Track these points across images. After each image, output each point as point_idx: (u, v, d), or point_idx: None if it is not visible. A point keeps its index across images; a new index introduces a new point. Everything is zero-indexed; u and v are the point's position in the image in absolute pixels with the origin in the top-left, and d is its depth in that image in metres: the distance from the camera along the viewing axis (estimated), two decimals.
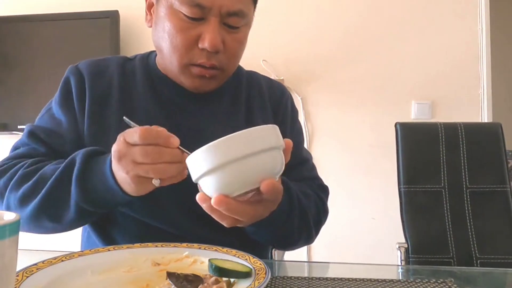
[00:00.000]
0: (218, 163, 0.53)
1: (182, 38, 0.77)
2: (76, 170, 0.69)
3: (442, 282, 0.59)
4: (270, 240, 0.84)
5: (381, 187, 2.32)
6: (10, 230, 0.35)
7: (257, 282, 0.50)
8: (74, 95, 0.84)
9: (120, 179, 0.65)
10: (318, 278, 0.60)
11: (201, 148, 0.54)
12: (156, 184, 0.63)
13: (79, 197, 0.69)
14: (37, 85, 2.46)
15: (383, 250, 2.20)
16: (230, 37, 0.80)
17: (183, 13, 0.76)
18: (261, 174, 0.55)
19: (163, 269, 0.60)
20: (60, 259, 0.58)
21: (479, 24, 2.33)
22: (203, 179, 0.56)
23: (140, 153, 0.60)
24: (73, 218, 0.72)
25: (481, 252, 1.42)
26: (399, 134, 1.54)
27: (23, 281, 0.50)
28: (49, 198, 0.71)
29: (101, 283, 0.55)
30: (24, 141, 0.83)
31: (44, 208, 0.71)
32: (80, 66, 0.88)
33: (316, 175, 0.94)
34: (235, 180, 0.54)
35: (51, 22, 2.48)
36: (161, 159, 0.60)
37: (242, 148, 0.53)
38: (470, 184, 1.49)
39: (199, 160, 0.54)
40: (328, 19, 2.44)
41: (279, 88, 1.00)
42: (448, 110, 2.33)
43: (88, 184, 0.69)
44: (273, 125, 0.58)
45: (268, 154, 0.55)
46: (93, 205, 0.70)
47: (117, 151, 0.62)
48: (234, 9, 0.77)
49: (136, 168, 0.61)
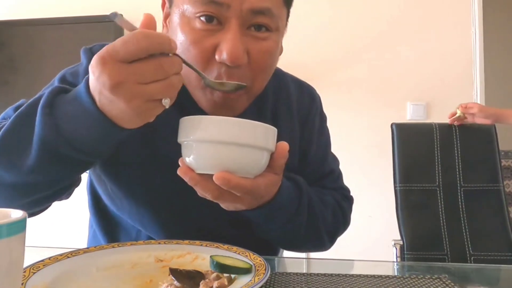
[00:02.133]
0: (204, 137, 0.54)
1: (196, 51, 0.61)
2: (44, 99, 0.53)
3: (437, 278, 0.59)
4: (276, 238, 0.77)
5: (377, 186, 2.32)
6: (17, 227, 0.35)
7: (257, 278, 0.50)
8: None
9: (116, 114, 0.49)
10: (316, 274, 0.60)
11: (200, 116, 0.55)
12: (167, 105, 0.49)
13: (44, 124, 0.51)
14: (43, 86, 2.45)
15: (378, 247, 2.21)
16: (257, 47, 0.62)
17: (197, 17, 0.61)
18: (240, 166, 0.55)
19: (166, 265, 0.60)
20: (65, 256, 0.58)
21: (472, 28, 2.33)
22: (188, 144, 0.56)
23: (151, 69, 0.46)
24: (36, 162, 0.53)
25: (475, 249, 1.43)
26: (395, 134, 1.55)
27: (30, 277, 0.50)
28: (7, 137, 0.54)
29: (106, 279, 0.55)
30: (10, 114, 0.69)
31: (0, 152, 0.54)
32: (95, 51, 0.74)
33: (340, 185, 0.87)
34: (216, 160, 0.54)
35: (56, 26, 2.49)
36: (173, 71, 0.48)
37: (230, 135, 0.53)
38: (464, 183, 1.49)
39: (193, 125, 0.55)
40: (326, 25, 2.44)
41: (308, 95, 0.86)
42: (442, 111, 2.33)
43: (58, 110, 0.52)
44: (272, 127, 0.58)
45: (254, 151, 0.56)
46: (64, 140, 0.52)
47: (110, 77, 0.45)
48: (259, 6, 0.60)
49: (145, 90, 0.46)
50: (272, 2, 0.62)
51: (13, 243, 0.34)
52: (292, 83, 0.86)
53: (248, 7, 0.59)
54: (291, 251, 0.85)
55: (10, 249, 0.34)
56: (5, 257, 0.34)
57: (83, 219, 0.94)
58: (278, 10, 0.64)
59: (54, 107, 0.52)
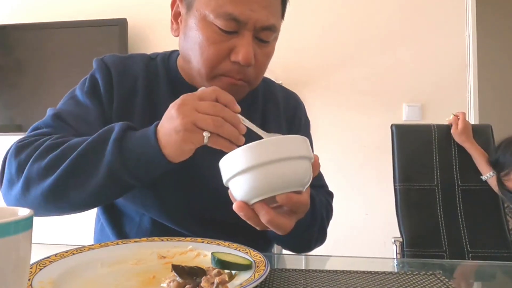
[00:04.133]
0: (247, 166, 0.52)
1: (214, 51, 0.72)
2: (115, 133, 0.63)
3: (431, 274, 0.59)
4: (291, 245, 0.82)
5: (374, 185, 2.33)
6: (24, 225, 0.35)
7: (257, 274, 0.51)
8: (102, 88, 0.79)
9: (168, 131, 0.60)
10: (315, 270, 0.60)
11: (234, 151, 0.54)
12: (206, 137, 0.58)
13: (113, 156, 0.61)
14: (49, 88, 2.48)
15: (376, 244, 2.21)
16: (261, 51, 0.75)
17: (217, 26, 0.71)
18: (288, 181, 0.54)
19: (168, 262, 0.60)
20: (71, 253, 0.58)
21: (466, 31, 2.34)
22: (232, 181, 0.55)
23: (206, 104, 0.59)
24: (101, 184, 0.63)
25: (472, 246, 1.43)
26: (395, 135, 1.55)
27: (37, 273, 0.51)
28: (79, 162, 0.63)
29: (110, 275, 0.56)
30: (48, 123, 0.74)
31: (70, 173, 0.63)
32: (107, 61, 0.82)
33: (324, 183, 0.92)
34: (262, 183, 0.53)
35: (62, 30, 2.50)
36: (221, 114, 0.59)
37: (272, 153, 0.52)
38: (461, 182, 1.49)
39: (230, 162, 0.54)
40: (325, 28, 2.44)
41: (293, 99, 0.96)
42: (437, 112, 2.34)
43: (125, 144, 0.62)
44: (303, 137, 0.57)
45: (297, 162, 0.54)
46: (126, 170, 0.62)
47: (182, 99, 0.60)
48: (268, 23, 0.73)
49: (195, 114, 0.58)
50: (275, 19, 0.75)
51: (20, 240, 0.35)
52: (279, 90, 0.96)
53: (260, 24, 0.72)
54: (299, 253, 0.85)
55: (18, 246, 0.34)
56: (13, 254, 0.34)
57: (89, 216, 0.95)
58: (278, 23, 0.77)
59: (123, 141, 0.63)
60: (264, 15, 0.71)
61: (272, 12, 0.73)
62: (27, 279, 0.39)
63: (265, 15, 0.72)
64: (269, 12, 0.72)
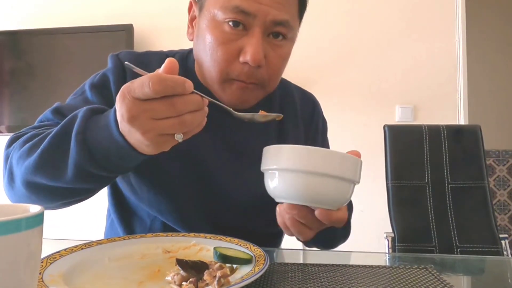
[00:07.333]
0: (299, 168, 0.49)
1: (223, 51, 0.67)
2: (77, 125, 0.55)
3: (423, 268, 0.59)
4: (315, 246, 0.80)
5: (368, 183, 2.32)
6: (36, 221, 0.35)
7: (257, 268, 0.51)
8: (112, 85, 0.74)
9: (134, 142, 0.51)
10: (312, 264, 0.60)
11: (288, 146, 0.51)
12: (179, 139, 0.50)
13: (78, 151, 0.54)
14: (58, 91, 2.48)
15: (370, 239, 2.21)
16: (274, 53, 0.69)
17: (226, 23, 0.66)
18: (331, 199, 0.52)
19: (172, 256, 0.60)
20: (80, 247, 0.58)
21: (456, 36, 2.34)
22: (273, 172, 0.52)
23: (162, 107, 0.46)
24: (72, 180, 0.57)
25: (461, 241, 1.43)
26: (387, 135, 1.54)
27: (47, 267, 0.51)
28: (44, 155, 0.57)
29: (117, 269, 0.56)
30: (48, 116, 0.72)
31: (39, 167, 0.57)
32: (122, 58, 0.77)
33: None
34: (304, 191, 0.51)
35: (71, 35, 2.49)
36: (186, 109, 0.48)
37: (329, 167, 0.49)
38: (451, 180, 1.49)
39: (283, 155, 0.51)
40: (318, 31, 2.44)
41: (311, 101, 0.90)
42: (428, 113, 2.35)
43: (90, 141, 0.54)
44: (360, 160, 0.54)
45: (346, 184, 0.52)
46: (96, 164, 0.55)
47: (127, 111, 0.47)
48: (280, 18, 0.66)
49: (158, 125, 0.47)
50: (290, 15, 0.68)
51: (31, 235, 0.34)
52: (295, 90, 0.90)
53: (271, 18, 0.65)
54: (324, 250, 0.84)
55: (29, 241, 0.34)
56: (25, 249, 0.34)
57: (98, 212, 0.95)
58: (294, 21, 0.70)
59: (87, 133, 0.54)
60: (275, 8, 0.65)
61: (285, 7, 0.67)
62: (38, 273, 0.39)
63: (276, 8, 0.65)
64: (281, 6, 0.66)
